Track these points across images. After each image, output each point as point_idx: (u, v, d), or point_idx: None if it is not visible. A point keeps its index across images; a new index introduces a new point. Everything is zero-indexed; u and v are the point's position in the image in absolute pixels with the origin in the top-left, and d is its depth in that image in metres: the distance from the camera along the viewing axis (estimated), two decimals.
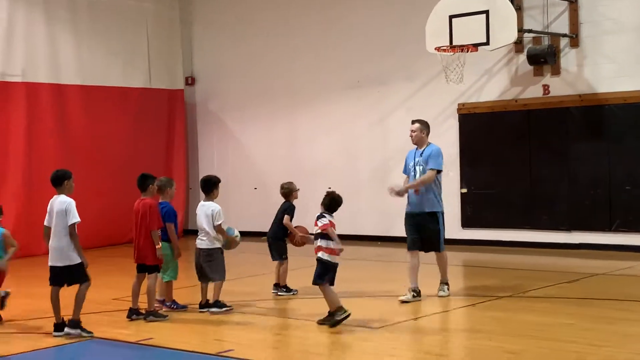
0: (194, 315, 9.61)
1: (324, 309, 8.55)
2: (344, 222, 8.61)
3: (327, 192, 8.88)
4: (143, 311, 9.32)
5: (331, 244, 8.52)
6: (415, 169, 10.05)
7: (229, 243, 9.85)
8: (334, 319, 8.36)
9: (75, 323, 8.60)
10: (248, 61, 18.32)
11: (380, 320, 8.75)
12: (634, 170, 13.71)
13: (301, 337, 8.43)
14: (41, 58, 16.68)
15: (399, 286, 10.37)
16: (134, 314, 9.30)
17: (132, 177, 9.87)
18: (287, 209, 10.71)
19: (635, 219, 13.70)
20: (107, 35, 17.82)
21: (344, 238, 9.37)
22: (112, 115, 17.67)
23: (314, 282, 8.54)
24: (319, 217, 8.60)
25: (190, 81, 19.41)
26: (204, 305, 9.71)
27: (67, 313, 8.60)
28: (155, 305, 9.39)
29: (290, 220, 10.59)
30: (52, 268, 8.62)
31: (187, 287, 11.02)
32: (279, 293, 10.64)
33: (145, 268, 9.37)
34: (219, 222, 9.63)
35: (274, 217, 10.84)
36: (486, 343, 7.81)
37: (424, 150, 10.09)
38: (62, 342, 8.38)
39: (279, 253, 10.65)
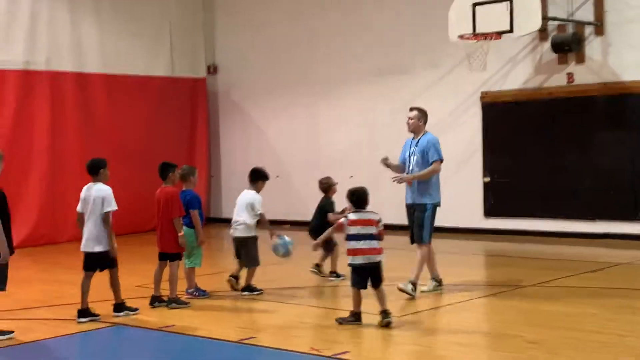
0: (216, 302, 9.70)
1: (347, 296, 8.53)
2: None
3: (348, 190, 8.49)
4: (165, 298, 9.40)
5: (351, 244, 8.10)
6: (410, 159, 9.84)
7: (286, 254, 9.92)
8: (345, 319, 8.11)
9: (120, 306, 8.91)
10: (269, 50, 18.34)
11: (401, 310, 8.76)
12: None
13: (323, 326, 8.45)
14: (65, 46, 16.79)
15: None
16: (156, 301, 9.39)
17: (154, 165, 9.89)
18: (326, 205, 10.83)
19: None
20: (130, 24, 17.91)
21: None
22: (135, 103, 17.79)
23: None
24: None
25: (212, 70, 19.46)
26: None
27: (79, 300, 8.73)
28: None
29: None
30: (87, 254, 8.83)
31: (209, 274, 11.10)
32: (330, 278, 10.72)
33: (167, 256, 9.46)
34: (259, 212, 9.88)
35: (296, 206, 10.87)
36: (507, 332, 7.81)
37: (419, 139, 9.83)
38: (86, 328, 8.48)
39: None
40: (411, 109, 10.06)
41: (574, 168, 14.42)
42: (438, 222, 15.92)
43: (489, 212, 15.42)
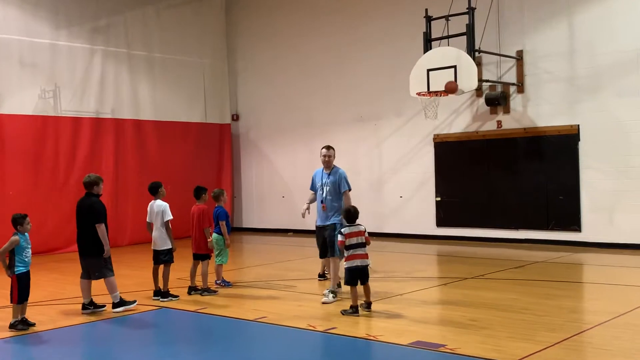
0: (238, 290, 9.58)
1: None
2: None
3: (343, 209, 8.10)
4: (199, 288, 9.30)
5: (349, 252, 7.65)
6: (323, 188, 8.83)
7: None
8: (346, 310, 7.74)
9: (165, 294, 8.95)
10: (277, 102, 18.33)
11: (379, 294, 8.51)
12: (565, 183, 13.56)
13: (316, 308, 8.33)
14: (125, 99, 16.79)
15: (395, 268, 10.23)
16: (192, 290, 9.31)
17: (192, 188, 9.85)
18: None
19: (566, 220, 13.58)
20: (175, 83, 17.89)
21: None
22: (178, 142, 17.71)
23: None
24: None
25: (235, 117, 19.42)
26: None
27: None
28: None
29: None
30: (155, 251, 8.98)
31: (233, 269, 11.00)
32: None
33: (199, 256, 9.40)
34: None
35: (298, 218, 10.68)
36: (454, 313, 7.76)
37: (330, 172, 8.91)
38: (137, 310, 8.37)
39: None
40: (328, 148, 9.04)
41: (502, 190, 14.39)
42: (402, 230, 16.04)
43: (439, 222, 15.34)
